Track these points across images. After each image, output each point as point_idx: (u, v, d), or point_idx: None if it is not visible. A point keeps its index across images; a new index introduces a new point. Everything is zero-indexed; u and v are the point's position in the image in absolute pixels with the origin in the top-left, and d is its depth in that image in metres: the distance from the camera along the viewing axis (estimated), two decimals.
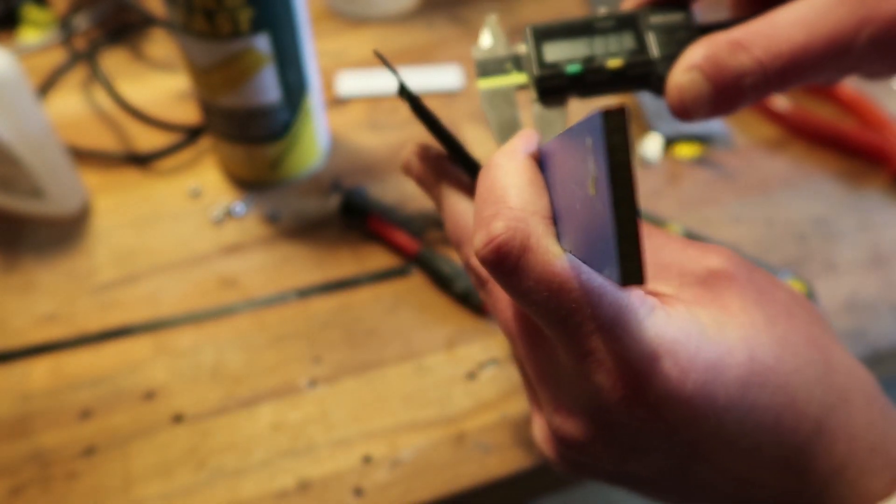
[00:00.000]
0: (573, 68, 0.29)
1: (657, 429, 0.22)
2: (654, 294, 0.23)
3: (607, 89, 0.30)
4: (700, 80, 0.25)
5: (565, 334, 0.21)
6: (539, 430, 0.27)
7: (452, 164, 0.30)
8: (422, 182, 0.30)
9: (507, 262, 0.21)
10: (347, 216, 0.48)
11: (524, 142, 0.25)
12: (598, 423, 0.22)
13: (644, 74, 0.28)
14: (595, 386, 0.21)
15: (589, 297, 0.20)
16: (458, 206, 0.28)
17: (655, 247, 0.25)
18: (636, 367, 0.21)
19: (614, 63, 0.29)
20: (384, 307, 0.45)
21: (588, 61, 0.29)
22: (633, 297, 0.21)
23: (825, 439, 0.22)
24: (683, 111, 0.26)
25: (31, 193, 0.47)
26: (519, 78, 0.31)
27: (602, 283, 0.21)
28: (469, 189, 0.29)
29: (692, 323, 0.21)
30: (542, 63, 0.29)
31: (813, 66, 0.24)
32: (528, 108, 0.31)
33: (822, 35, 0.23)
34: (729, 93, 0.25)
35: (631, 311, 0.21)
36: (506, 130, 0.30)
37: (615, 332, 0.21)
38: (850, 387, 0.23)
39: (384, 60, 0.29)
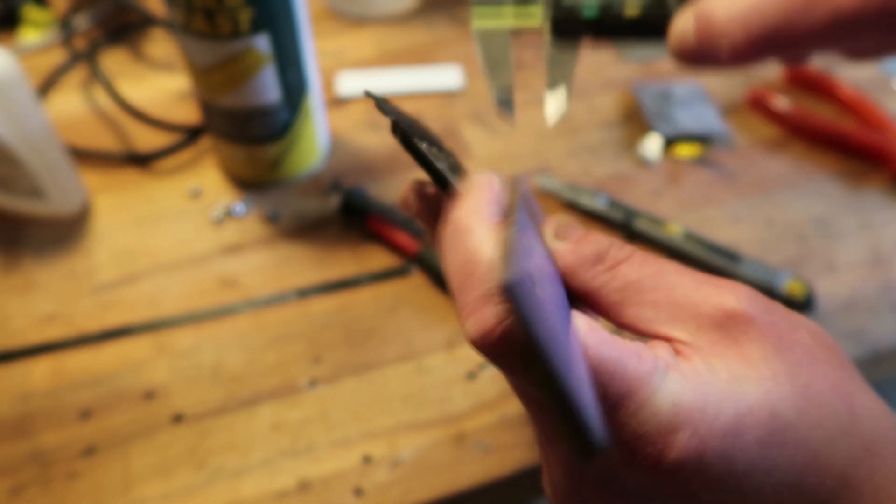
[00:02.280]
0: (590, 12, 0.28)
1: (674, 494, 0.21)
2: (670, 340, 0.22)
3: (623, 34, 0.29)
4: (690, 31, 0.27)
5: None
6: (547, 484, 0.25)
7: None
8: (421, 219, 0.28)
9: (508, 354, 0.20)
10: (347, 216, 0.48)
11: (489, 194, 0.24)
12: (613, 492, 0.22)
13: (660, 24, 0.28)
14: (610, 459, 0.21)
15: (598, 377, 0.20)
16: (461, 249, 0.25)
17: (668, 285, 0.23)
18: (653, 441, 0.20)
19: (632, 10, 0.28)
20: (384, 307, 0.45)
21: (606, 6, 0.28)
22: (646, 364, 0.20)
23: (849, 493, 0.21)
24: (676, 54, 0.28)
25: (31, 193, 0.47)
26: (518, 20, 0.30)
27: (609, 355, 0.20)
28: None
29: (709, 382, 0.21)
30: (558, 3, 0.29)
31: (793, 41, 0.26)
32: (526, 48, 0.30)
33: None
34: (709, 51, 0.27)
35: (643, 383, 0.20)
36: (497, 70, 0.30)
37: (629, 409, 0.20)
38: (876, 435, 0.22)
39: (376, 99, 0.28)
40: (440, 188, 0.26)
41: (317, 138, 0.51)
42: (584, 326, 0.21)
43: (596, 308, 0.24)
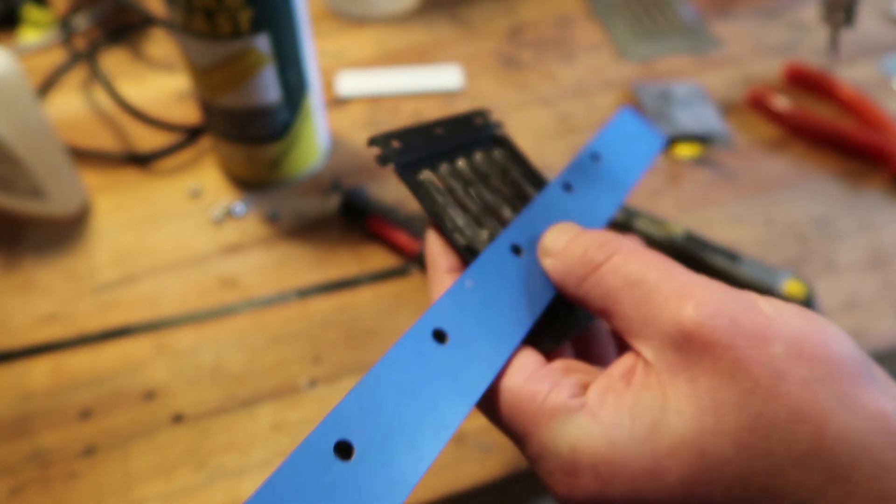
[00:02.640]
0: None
1: None
2: (639, 355, 0.23)
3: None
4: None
5: (514, 444, 0.24)
6: None
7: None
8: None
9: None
10: (347, 216, 0.48)
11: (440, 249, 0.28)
12: None
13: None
14: (548, 489, 0.23)
15: (506, 413, 0.23)
16: None
17: (640, 294, 0.23)
18: (560, 481, 0.22)
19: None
20: (384, 307, 0.45)
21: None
22: (548, 408, 0.22)
23: None
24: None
25: (31, 193, 0.47)
26: None
27: (517, 398, 0.23)
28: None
29: (622, 427, 0.21)
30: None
31: None
32: None
33: None
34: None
35: (542, 426, 0.22)
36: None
37: (533, 448, 0.22)
38: (852, 459, 0.20)
39: (379, 144, 0.29)
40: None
41: (317, 138, 0.51)
42: (516, 362, 0.24)
43: (596, 316, 0.25)
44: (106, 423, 0.40)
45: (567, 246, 0.26)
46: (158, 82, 0.60)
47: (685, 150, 0.53)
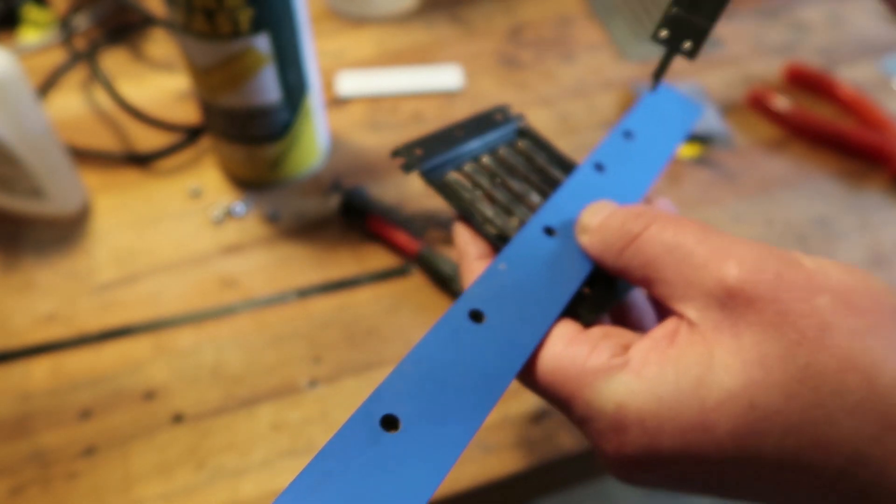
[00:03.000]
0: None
1: (659, 481, 0.22)
2: (683, 318, 0.23)
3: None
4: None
5: (561, 412, 0.24)
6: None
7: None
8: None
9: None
10: (347, 216, 0.48)
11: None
12: (637, 480, 0.23)
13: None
14: (596, 450, 0.23)
15: (548, 382, 0.24)
16: None
17: (681, 258, 0.23)
18: (609, 439, 0.22)
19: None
20: (384, 307, 0.45)
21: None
22: (590, 370, 0.23)
23: (868, 471, 0.20)
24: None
25: (31, 193, 0.47)
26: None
27: (558, 364, 0.23)
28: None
29: (669, 382, 0.21)
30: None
31: None
32: None
33: None
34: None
35: (584, 387, 0.22)
36: None
37: (578, 411, 0.23)
38: None
39: (402, 154, 0.30)
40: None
41: (317, 138, 0.51)
42: (555, 332, 0.24)
43: (637, 285, 0.25)
44: (106, 423, 0.40)
45: (604, 221, 0.26)
46: (158, 82, 0.60)
47: (685, 150, 0.53)
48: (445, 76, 0.59)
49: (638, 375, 0.22)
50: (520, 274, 0.26)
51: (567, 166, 0.32)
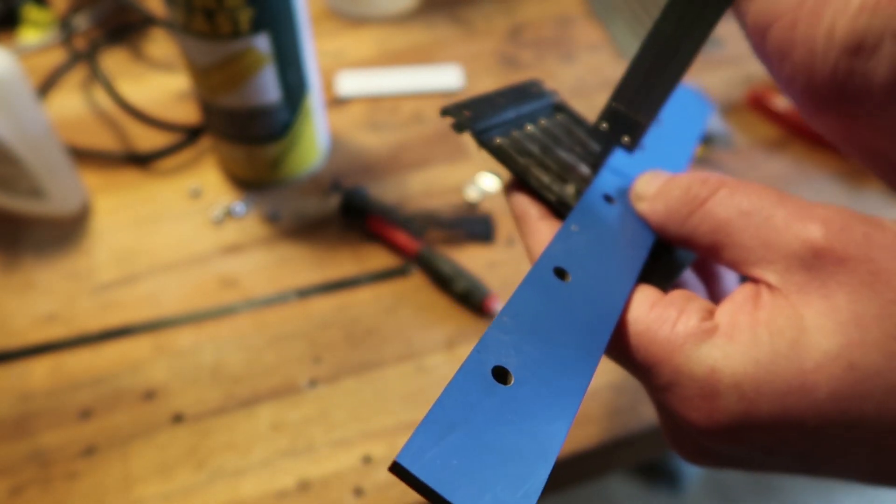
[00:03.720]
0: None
1: (752, 453, 0.21)
2: (761, 282, 0.22)
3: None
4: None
5: (641, 380, 0.23)
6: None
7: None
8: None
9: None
10: (347, 216, 0.48)
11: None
12: (712, 456, 0.23)
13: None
14: (681, 420, 0.22)
15: (634, 346, 0.22)
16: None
17: (757, 222, 0.22)
18: (699, 406, 0.21)
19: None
20: (384, 307, 0.45)
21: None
22: (679, 333, 0.22)
23: None
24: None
25: (31, 193, 0.47)
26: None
27: (644, 327, 0.22)
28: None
29: (764, 343, 0.20)
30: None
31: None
32: None
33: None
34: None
35: (674, 351, 0.21)
36: None
37: (665, 377, 0.22)
38: None
39: (452, 113, 0.29)
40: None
41: (317, 138, 0.51)
42: (636, 296, 0.23)
43: (700, 252, 0.24)
44: (106, 423, 0.40)
45: (664, 187, 0.25)
46: (158, 82, 0.60)
47: None
48: (445, 76, 0.59)
49: (731, 339, 0.21)
50: (592, 236, 0.25)
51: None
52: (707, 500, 1.09)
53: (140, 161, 0.53)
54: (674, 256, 0.27)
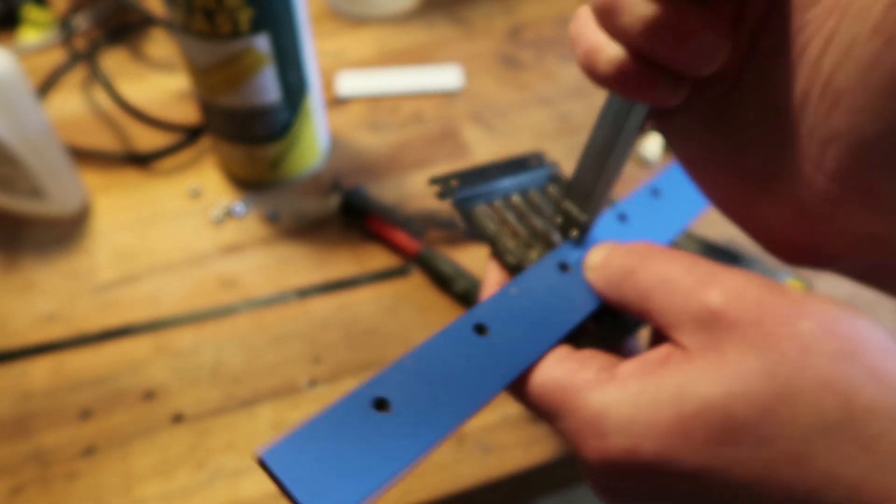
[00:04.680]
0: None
1: (643, 492, 0.23)
2: (677, 344, 0.24)
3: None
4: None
5: (551, 425, 0.26)
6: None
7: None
8: None
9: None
10: (347, 216, 0.48)
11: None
12: (602, 488, 0.24)
13: None
14: (582, 459, 0.24)
15: (540, 394, 0.25)
16: None
17: (671, 289, 0.25)
18: (593, 446, 0.23)
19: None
20: (384, 307, 0.45)
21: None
22: (578, 383, 0.24)
23: (841, 491, 0.21)
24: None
25: (31, 193, 0.47)
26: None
27: (549, 377, 0.25)
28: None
29: (647, 392, 0.23)
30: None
31: None
32: None
33: None
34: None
35: (573, 396, 0.24)
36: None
37: (566, 420, 0.24)
38: (884, 429, 0.20)
39: (439, 182, 0.32)
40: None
41: (317, 138, 0.51)
42: (549, 354, 0.26)
43: (637, 317, 0.27)
44: (106, 423, 0.40)
45: (606, 257, 0.28)
46: (158, 82, 0.60)
47: None
48: (445, 76, 0.59)
49: (622, 386, 0.23)
50: (529, 300, 0.28)
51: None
52: None
53: (140, 161, 0.53)
54: (620, 324, 0.29)
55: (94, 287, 0.46)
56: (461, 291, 0.44)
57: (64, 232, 0.49)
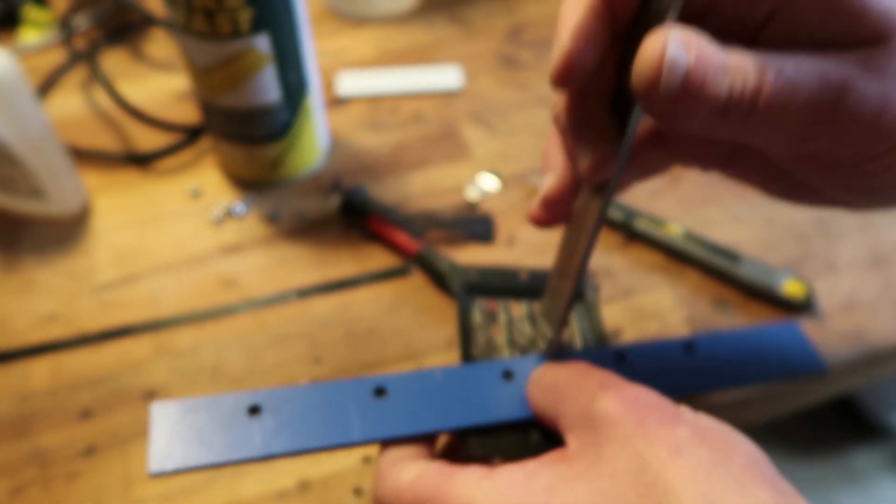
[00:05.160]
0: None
1: None
2: (563, 448, 0.26)
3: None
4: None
5: None
6: None
7: None
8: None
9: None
10: (347, 216, 0.48)
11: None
12: None
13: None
14: None
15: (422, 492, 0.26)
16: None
17: (567, 398, 0.27)
18: None
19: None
20: (384, 307, 0.45)
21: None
22: (460, 470, 0.26)
23: None
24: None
25: (31, 193, 0.47)
26: None
27: (430, 479, 0.26)
28: None
29: (516, 486, 0.24)
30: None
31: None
32: None
33: None
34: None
35: (447, 491, 0.25)
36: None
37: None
38: None
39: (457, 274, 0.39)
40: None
41: (317, 138, 0.51)
42: (410, 447, 0.28)
43: (551, 426, 0.28)
44: (106, 423, 0.40)
45: (534, 374, 0.30)
46: (158, 82, 0.60)
47: None
48: (445, 76, 0.59)
49: (494, 481, 0.24)
50: (446, 388, 0.31)
51: (602, 341, 0.37)
52: None
53: (140, 161, 0.53)
54: (528, 436, 0.31)
55: (94, 287, 0.46)
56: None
57: (64, 232, 0.49)
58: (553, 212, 0.29)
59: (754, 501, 0.21)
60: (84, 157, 0.53)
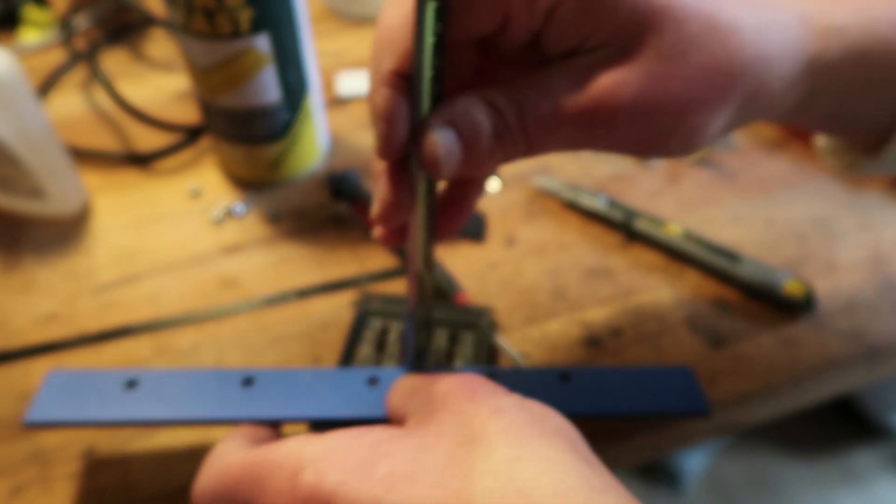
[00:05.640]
0: None
1: None
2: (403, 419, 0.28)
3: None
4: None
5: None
6: None
7: None
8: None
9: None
10: (336, 199, 0.49)
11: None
12: None
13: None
14: (277, 496, 0.26)
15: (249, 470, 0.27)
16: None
17: (413, 393, 0.29)
18: (286, 479, 0.25)
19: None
20: None
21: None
22: (279, 450, 0.27)
23: None
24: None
25: (31, 193, 0.47)
26: None
27: (257, 454, 0.27)
28: None
29: (342, 437, 0.26)
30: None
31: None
32: None
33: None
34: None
35: (275, 456, 0.26)
36: None
37: (266, 466, 0.26)
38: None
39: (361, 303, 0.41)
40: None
41: (317, 138, 0.51)
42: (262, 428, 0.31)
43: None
44: None
45: (397, 381, 0.32)
46: (158, 82, 0.60)
47: None
48: None
49: (319, 438, 0.26)
50: (312, 386, 0.33)
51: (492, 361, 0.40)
52: (707, 500, 1.09)
53: (140, 161, 0.53)
54: None
55: (94, 287, 0.46)
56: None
57: (64, 232, 0.49)
58: (389, 227, 0.30)
59: (558, 455, 0.23)
60: (84, 157, 0.53)
